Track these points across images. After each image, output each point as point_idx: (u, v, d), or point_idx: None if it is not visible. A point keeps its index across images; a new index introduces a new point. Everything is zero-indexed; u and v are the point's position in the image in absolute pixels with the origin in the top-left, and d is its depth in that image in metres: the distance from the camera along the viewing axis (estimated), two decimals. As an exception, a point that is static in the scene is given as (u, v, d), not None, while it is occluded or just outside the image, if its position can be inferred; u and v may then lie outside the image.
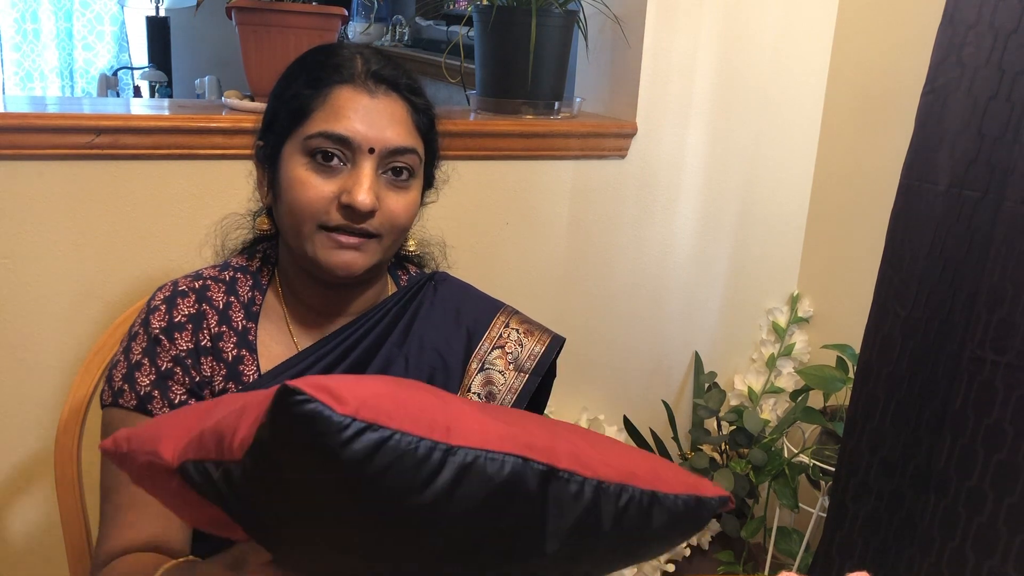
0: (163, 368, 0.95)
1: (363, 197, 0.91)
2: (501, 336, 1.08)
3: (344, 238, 0.93)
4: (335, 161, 0.93)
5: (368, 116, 0.93)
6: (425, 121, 0.99)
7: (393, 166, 0.95)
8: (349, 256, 0.94)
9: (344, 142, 0.92)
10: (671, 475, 0.73)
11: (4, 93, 4.45)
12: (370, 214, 0.93)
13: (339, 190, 0.92)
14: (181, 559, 0.86)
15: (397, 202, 0.95)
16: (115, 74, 4.48)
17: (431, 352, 1.05)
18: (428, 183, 1.05)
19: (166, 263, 1.43)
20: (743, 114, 1.85)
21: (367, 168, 0.92)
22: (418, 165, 0.98)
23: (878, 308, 1.46)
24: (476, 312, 1.09)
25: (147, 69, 4.25)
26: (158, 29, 4.29)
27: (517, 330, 1.09)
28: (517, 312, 1.12)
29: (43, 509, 1.45)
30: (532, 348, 1.09)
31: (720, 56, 1.79)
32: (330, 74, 0.95)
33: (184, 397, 0.95)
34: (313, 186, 0.92)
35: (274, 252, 1.06)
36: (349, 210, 0.92)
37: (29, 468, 1.43)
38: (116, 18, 4.69)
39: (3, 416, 1.40)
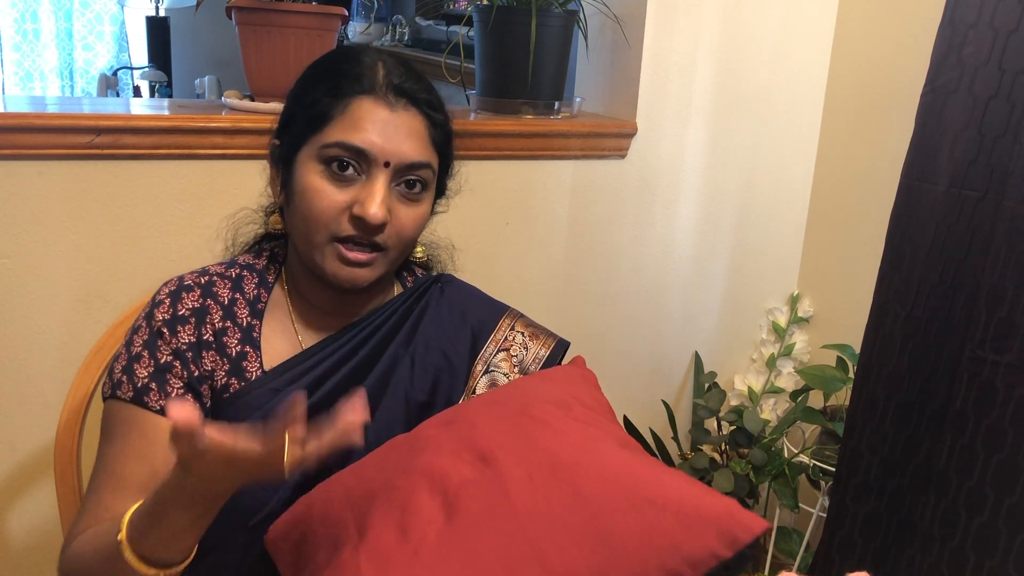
0: (162, 361, 0.95)
1: (375, 211, 0.91)
2: (507, 339, 1.08)
3: (353, 254, 0.93)
4: (350, 171, 0.93)
5: (386, 130, 0.93)
6: (442, 136, 0.99)
7: (407, 179, 0.95)
8: (357, 271, 0.95)
9: (360, 154, 0.92)
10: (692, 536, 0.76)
11: (4, 93, 4.45)
12: (380, 227, 0.93)
13: (352, 200, 0.93)
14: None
15: (408, 215, 0.96)
16: (115, 74, 4.48)
17: (436, 353, 1.05)
18: (440, 192, 1.05)
19: (166, 263, 1.43)
20: (743, 114, 1.85)
21: (381, 181, 0.93)
22: (431, 179, 0.98)
23: (878, 308, 1.46)
24: (482, 314, 1.10)
25: (147, 69, 4.25)
26: (158, 29, 4.29)
27: (523, 333, 1.10)
28: (522, 315, 1.12)
29: (43, 509, 1.45)
30: (537, 352, 1.09)
31: (720, 56, 1.78)
32: (351, 83, 0.94)
33: (181, 391, 0.95)
34: (327, 195, 0.93)
35: (282, 251, 1.06)
36: (360, 222, 0.92)
37: (29, 468, 1.43)
38: (116, 18, 4.69)
39: (3, 416, 1.40)
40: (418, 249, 1.09)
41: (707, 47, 1.77)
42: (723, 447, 1.87)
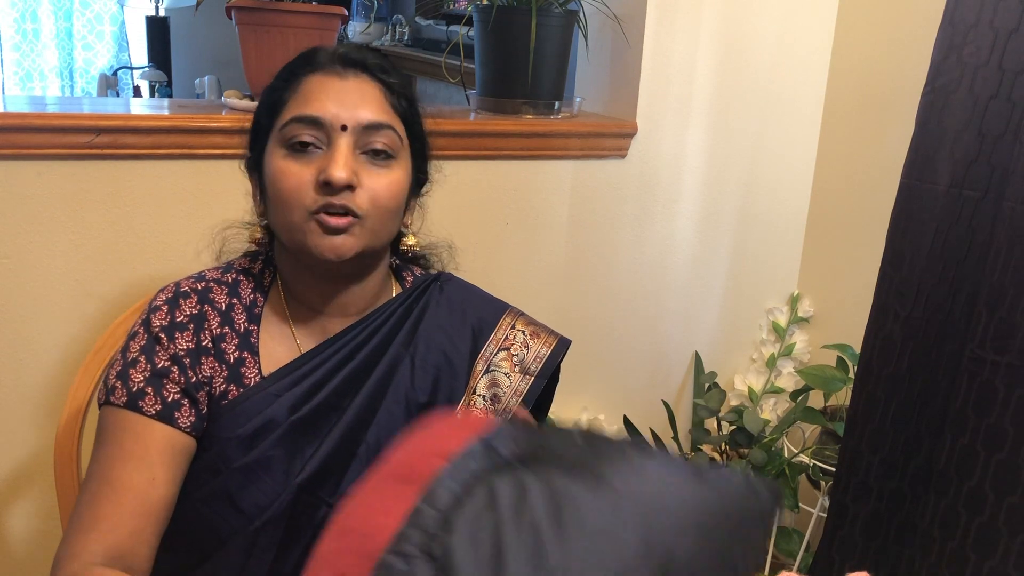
0: (159, 366, 0.94)
1: (338, 172, 0.91)
2: (507, 338, 1.08)
3: (332, 220, 0.92)
4: (311, 147, 0.93)
5: (339, 96, 0.94)
6: (403, 103, 0.99)
7: (371, 145, 0.95)
8: (337, 239, 0.93)
9: (316, 123, 0.93)
10: None
11: (4, 93, 4.45)
12: (348, 189, 0.92)
13: (318, 171, 0.93)
14: None
15: (379, 180, 0.95)
16: (115, 74, 4.48)
17: (437, 353, 1.04)
18: (422, 177, 1.05)
19: (166, 263, 1.43)
20: (743, 114, 1.85)
21: (342, 145, 0.93)
22: (398, 145, 0.97)
23: (878, 308, 1.46)
24: (482, 313, 1.09)
25: (147, 69, 4.25)
26: (158, 29, 4.29)
27: (523, 332, 1.09)
28: (523, 314, 1.12)
29: (43, 509, 1.45)
30: (538, 350, 1.08)
31: (720, 56, 1.78)
32: (302, 66, 0.97)
33: (178, 396, 0.94)
34: (293, 173, 0.93)
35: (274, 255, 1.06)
36: (327, 187, 0.92)
37: (29, 468, 1.43)
38: (116, 18, 4.69)
39: (3, 416, 1.40)
40: (410, 238, 1.07)
41: (707, 47, 1.77)
42: (723, 447, 1.87)
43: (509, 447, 0.81)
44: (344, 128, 0.93)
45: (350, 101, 0.94)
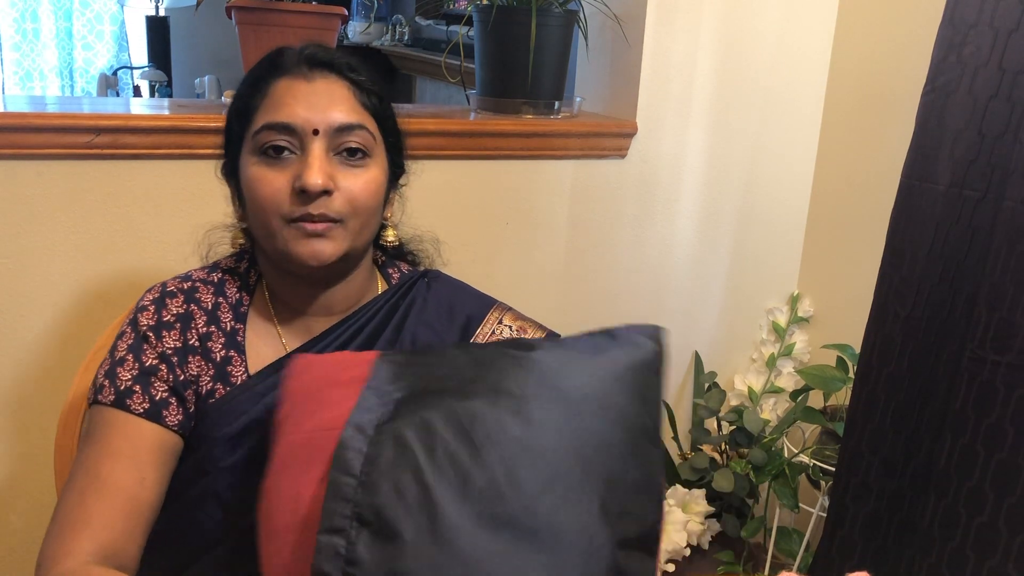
0: (147, 364, 0.94)
1: (313, 178, 0.90)
2: (494, 333, 1.07)
3: (309, 226, 0.92)
4: (285, 152, 0.93)
5: (308, 100, 0.93)
6: (374, 100, 0.98)
7: (345, 146, 0.94)
8: (317, 244, 0.93)
9: (288, 130, 0.92)
10: None
11: (4, 93, 4.45)
12: (325, 194, 0.92)
13: (293, 178, 0.92)
14: None
15: (355, 181, 0.94)
16: (115, 74, 4.49)
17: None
18: (398, 169, 1.04)
19: (165, 263, 1.43)
20: (743, 114, 1.85)
21: (316, 150, 0.92)
22: (372, 143, 0.97)
23: (878, 308, 1.46)
24: (469, 309, 1.09)
25: (147, 69, 4.26)
26: (158, 29, 4.30)
27: (511, 326, 1.09)
28: (511, 308, 1.11)
29: (42, 509, 1.45)
30: None
31: (720, 56, 1.78)
32: (269, 71, 0.96)
33: (165, 395, 0.94)
34: (268, 181, 0.93)
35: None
36: (304, 195, 0.91)
37: (28, 467, 1.43)
38: (116, 18, 4.70)
39: (3, 416, 1.40)
40: (389, 233, 1.06)
41: (707, 47, 1.77)
42: (723, 447, 1.87)
43: (397, 386, 0.81)
44: (316, 132, 0.92)
45: (320, 104, 0.93)
